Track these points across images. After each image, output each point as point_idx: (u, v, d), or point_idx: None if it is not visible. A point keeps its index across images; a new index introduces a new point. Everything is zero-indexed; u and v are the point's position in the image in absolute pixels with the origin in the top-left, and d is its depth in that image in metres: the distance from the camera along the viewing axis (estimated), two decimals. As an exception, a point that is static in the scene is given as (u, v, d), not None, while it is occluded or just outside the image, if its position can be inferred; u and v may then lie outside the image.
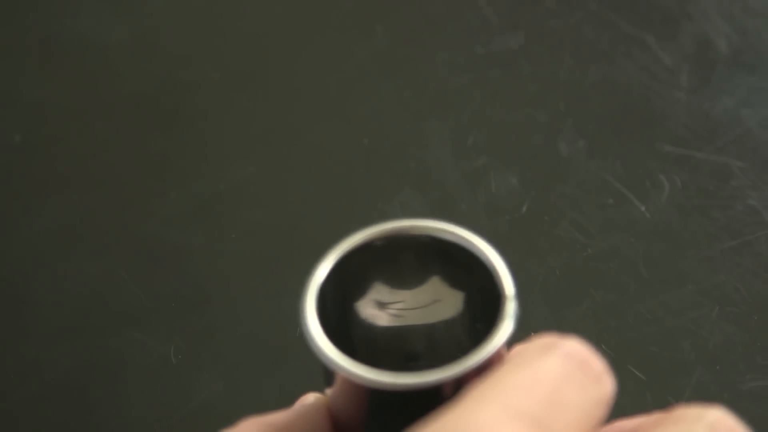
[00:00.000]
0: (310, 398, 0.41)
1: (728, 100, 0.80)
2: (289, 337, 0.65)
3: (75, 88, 0.85)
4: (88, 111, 0.83)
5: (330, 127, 0.81)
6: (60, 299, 0.71)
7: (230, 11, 0.92)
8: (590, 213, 0.74)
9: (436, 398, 0.35)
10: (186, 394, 0.66)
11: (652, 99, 0.81)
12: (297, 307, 0.39)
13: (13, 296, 0.72)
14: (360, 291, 0.42)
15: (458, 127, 0.80)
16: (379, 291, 0.42)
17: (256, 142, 0.80)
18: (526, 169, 0.77)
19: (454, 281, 0.42)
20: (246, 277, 0.72)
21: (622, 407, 0.64)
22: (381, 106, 0.82)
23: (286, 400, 0.38)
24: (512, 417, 0.30)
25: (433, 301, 0.43)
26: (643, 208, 0.74)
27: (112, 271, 0.72)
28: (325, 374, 0.37)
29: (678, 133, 0.78)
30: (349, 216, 0.75)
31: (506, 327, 0.36)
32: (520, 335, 0.37)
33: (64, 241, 0.75)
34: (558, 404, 0.31)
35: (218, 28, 0.90)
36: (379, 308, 0.43)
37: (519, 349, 0.36)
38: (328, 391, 0.39)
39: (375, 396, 0.36)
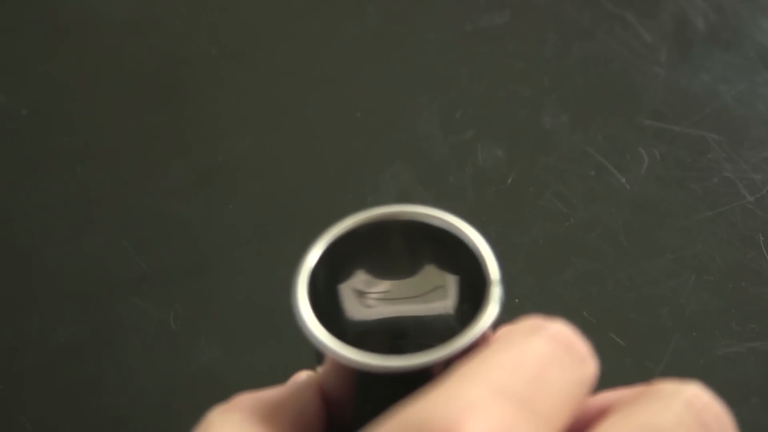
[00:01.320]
0: (303, 376, 0.40)
1: (705, 75, 0.80)
2: (284, 304, 0.65)
3: (79, 64, 0.85)
4: (91, 86, 0.83)
5: (323, 102, 0.81)
6: (64, 267, 0.71)
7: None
8: (572, 184, 0.74)
9: (423, 379, 0.34)
10: (184, 360, 0.66)
11: (632, 75, 0.81)
12: (290, 281, 0.39)
13: (19, 264, 0.72)
14: (349, 275, 0.42)
15: (447, 102, 0.80)
16: (367, 275, 0.42)
17: (253, 116, 0.80)
18: (512, 143, 0.77)
19: (441, 266, 0.41)
20: (243, 246, 0.72)
21: (602, 373, 0.64)
22: (373, 82, 0.82)
23: (280, 366, 0.38)
24: (497, 395, 0.29)
25: (421, 285, 0.43)
26: (623, 180, 0.73)
27: (114, 240, 0.72)
28: (317, 355, 0.37)
29: (657, 108, 0.78)
30: (342, 187, 0.75)
31: (491, 311, 0.36)
32: (506, 306, 0.37)
33: (68, 211, 0.74)
34: (542, 384, 0.31)
35: (216, 7, 0.90)
36: (368, 292, 0.43)
37: (505, 330, 0.35)
38: (320, 369, 0.39)
39: (363, 377, 0.36)
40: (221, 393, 0.63)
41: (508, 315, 0.37)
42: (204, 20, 0.88)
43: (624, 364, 0.64)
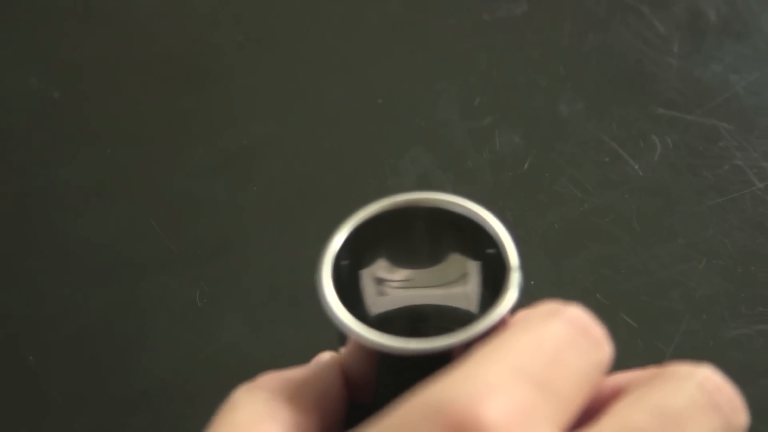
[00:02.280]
0: (325, 356, 0.40)
1: (717, 66, 0.80)
2: (307, 284, 0.65)
3: (111, 49, 0.85)
4: (122, 70, 0.83)
5: (346, 87, 0.80)
6: (94, 246, 0.71)
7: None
8: (587, 170, 0.73)
9: (443, 362, 0.34)
10: (209, 337, 0.66)
11: (646, 64, 0.80)
12: (314, 262, 0.39)
13: (52, 242, 0.71)
14: (372, 260, 0.41)
15: (466, 89, 0.79)
16: (390, 260, 0.42)
17: (276, 101, 0.80)
18: (529, 129, 0.76)
19: (462, 251, 0.41)
20: (267, 227, 0.71)
21: (616, 353, 0.64)
22: (394, 68, 0.81)
23: (303, 344, 0.38)
24: (516, 376, 0.29)
25: (442, 271, 0.42)
26: (636, 167, 0.73)
27: (143, 220, 0.72)
28: (339, 336, 0.37)
29: (670, 97, 0.77)
30: (363, 171, 0.74)
31: (510, 296, 0.36)
32: (524, 292, 0.37)
33: (99, 192, 0.74)
34: (559, 366, 0.31)
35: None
36: (390, 276, 0.43)
37: (524, 313, 0.35)
38: (342, 350, 0.39)
39: (385, 359, 0.36)
40: (245, 369, 0.63)
41: (524, 297, 0.37)
42: (230, 7, 0.88)
43: (636, 345, 0.64)
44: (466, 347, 0.34)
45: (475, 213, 0.39)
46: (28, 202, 0.74)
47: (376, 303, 0.43)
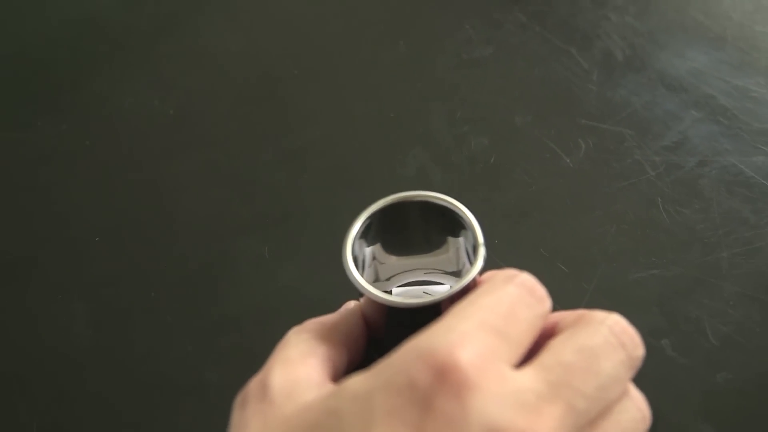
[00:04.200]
0: (351, 304, 0.40)
1: (623, 90, 0.78)
2: (342, 243, 0.64)
3: (207, 79, 0.84)
4: (214, 94, 0.82)
5: (368, 105, 0.79)
6: (195, 217, 0.70)
7: (306, 28, 0.90)
8: (534, 163, 0.72)
9: (432, 312, 0.34)
10: (274, 279, 0.65)
11: (574, 89, 0.79)
12: (344, 233, 0.38)
13: (165, 216, 0.71)
14: (380, 238, 0.41)
15: (450, 107, 0.78)
16: (393, 239, 0.42)
17: (320, 115, 0.79)
18: (494, 134, 0.75)
19: (444, 232, 0.41)
20: (314, 203, 0.70)
21: (552, 291, 0.63)
22: (402, 92, 0.80)
23: (339, 286, 0.37)
24: (482, 327, 0.29)
25: (432, 246, 0.42)
26: (568, 161, 0.72)
27: (228, 199, 0.71)
28: (359, 293, 0.36)
29: (591, 111, 0.76)
30: (380, 163, 0.73)
31: (478, 264, 0.35)
32: (487, 246, 0.37)
33: (198, 180, 0.73)
34: (513, 319, 0.31)
35: (297, 40, 0.88)
36: (395, 248, 0.42)
37: (489, 275, 0.35)
38: (361, 300, 0.39)
39: (389, 310, 0.36)
40: (299, 304, 0.63)
41: (492, 254, 0.38)
42: (288, 50, 0.86)
43: (567, 284, 0.63)
44: (450, 301, 0.34)
45: (454, 205, 0.39)
46: (151, 188, 0.73)
47: (386, 268, 0.43)
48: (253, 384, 0.34)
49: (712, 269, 0.63)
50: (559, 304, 0.60)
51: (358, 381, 0.30)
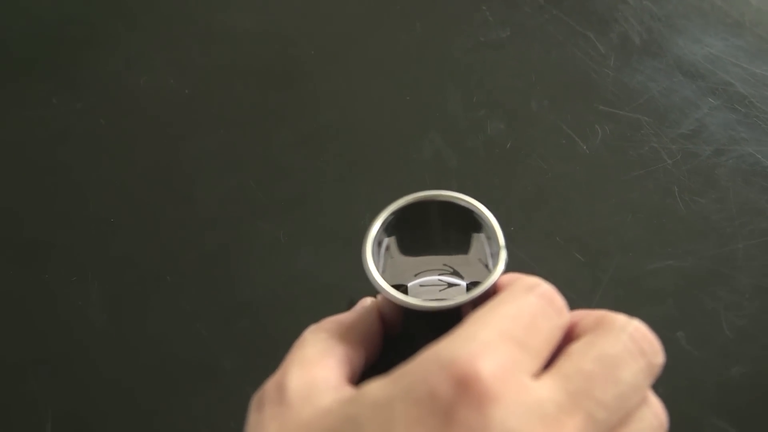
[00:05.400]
0: (367, 301, 0.40)
1: (640, 76, 0.77)
2: (359, 228, 0.64)
3: (223, 59, 0.82)
4: (232, 74, 0.80)
5: (385, 88, 0.78)
6: (212, 198, 0.69)
7: (324, 8, 0.88)
8: (550, 149, 0.71)
9: (452, 315, 0.34)
10: (290, 263, 0.64)
11: (591, 74, 0.77)
12: (363, 213, 0.37)
13: (182, 197, 0.70)
14: (399, 235, 0.40)
15: (466, 90, 0.77)
16: (411, 237, 0.41)
17: (338, 97, 0.77)
18: (510, 119, 0.74)
19: (462, 232, 0.40)
20: (332, 187, 0.69)
21: (568, 279, 0.62)
22: (418, 75, 0.79)
23: (354, 271, 0.37)
24: (503, 337, 0.29)
25: (450, 245, 0.42)
26: (584, 147, 0.71)
27: (245, 181, 0.70)
28: (377, 293, 0.36)
29: (607, 98, 0.75)
30: (396, 147, 0.72)
31: (499, 268, 0.35)
32: (504, 233, 0.37)
33: (215, 160, 0.72)
34: (534, 329, 0.30)
35: (315, 20, 0.87)
36: (410, 248, 0.42)
37: (509, 278, 0.35)
38: (379, 297, 0.38)
39: (409, 312, 0.35)
40: (314, 288, 0.62)
41: (507, 241, 0.37)
42: (305, 30, 0.85)
43: (583, 273, 0.62)
44: (470, 306, 0.34)
45: (476, 206, 0.38)
46: (166, 169, 0.72)
47: (403, 263, 0.42)
48: (270, 385, 0.34)
49: (727, 260, 0.62)
50: (574, 294, 0.60)
51: (377, 387, 0.29)
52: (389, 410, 0.28)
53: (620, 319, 0.32)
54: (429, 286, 0.43)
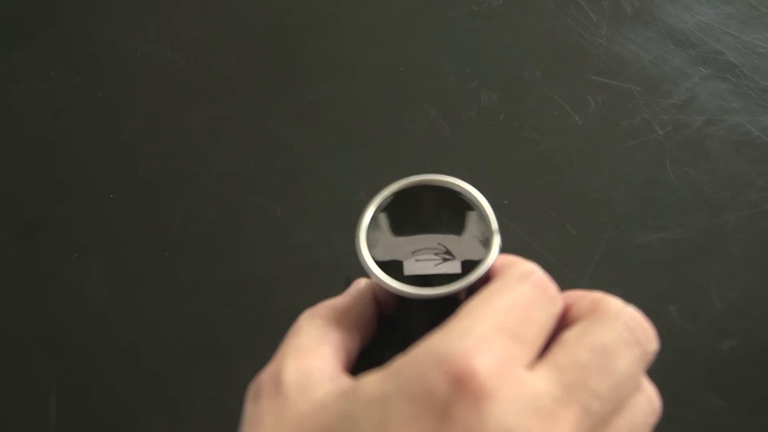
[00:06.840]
0: (362, 283, 0.39)
1: (632, 45, 0.75)
2: (355, 202, 0.63)
3: (218, 29, 0.81)
4: (225, 46, 0.79)
5: (379, 59, 0.76)
6: (206, 172, 0.68)
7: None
8: (543, 120, 0.70)
9: (447, 302, 0.34)
10: (286, 239, 0.64)
11: (583, 44, 0.76)
12: (358, 190, 0.36)
13: (179, 170, 0.69)
14: (392, 217, 0.39)
15: (460, 61, 0.75)
16: (404, 219, 0.40)
17: (332, 68, 0.76)
18: (503, 90, 0.73)
19: (459, 212, 0.39)
20: (326, 159, 0.68)
21: (560, 253, 0.62)
22: (411, 46, 0.77)
23: (350, 245, 0.36)
24: (497, 331, 0.28)
25: (447, 225, 0.41)
26: (577, 118, 0.70)
27: (240, 154, 0.69)
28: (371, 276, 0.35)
29: (600, 67, 0.74)
30: (390, 119, 0.71)
31: (492, 255, 0.34)
32: (497, 206, 0.36)
33: (210, 134, 0.71)
34: (528, 320, 0.30)
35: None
36: (403, 230, 0.41)
37: (504, 261, 0.34)
38: (373, 279, 0.37)
39: (404, 299, 0.35)
40: (309, 264, 0.62)
41: (501, 214, 0.36)
42: (300, 1, 0.83)
43: (576, 247, 0.61)
44: (465, 292, 0.34)
45: (468, 191, 0.37)
46: (162, 142, 0.71)
47: (396, 243, 0.41)
48: (267, 376, 0.33)
49: (718, 233, 0.62)
50: (567, 268, 0.59)
51: (373, 382, 0.29)
52: (385, 407, 0.27)
53: (615, 305, 0.31)
54: (424, 261, 0.42)
